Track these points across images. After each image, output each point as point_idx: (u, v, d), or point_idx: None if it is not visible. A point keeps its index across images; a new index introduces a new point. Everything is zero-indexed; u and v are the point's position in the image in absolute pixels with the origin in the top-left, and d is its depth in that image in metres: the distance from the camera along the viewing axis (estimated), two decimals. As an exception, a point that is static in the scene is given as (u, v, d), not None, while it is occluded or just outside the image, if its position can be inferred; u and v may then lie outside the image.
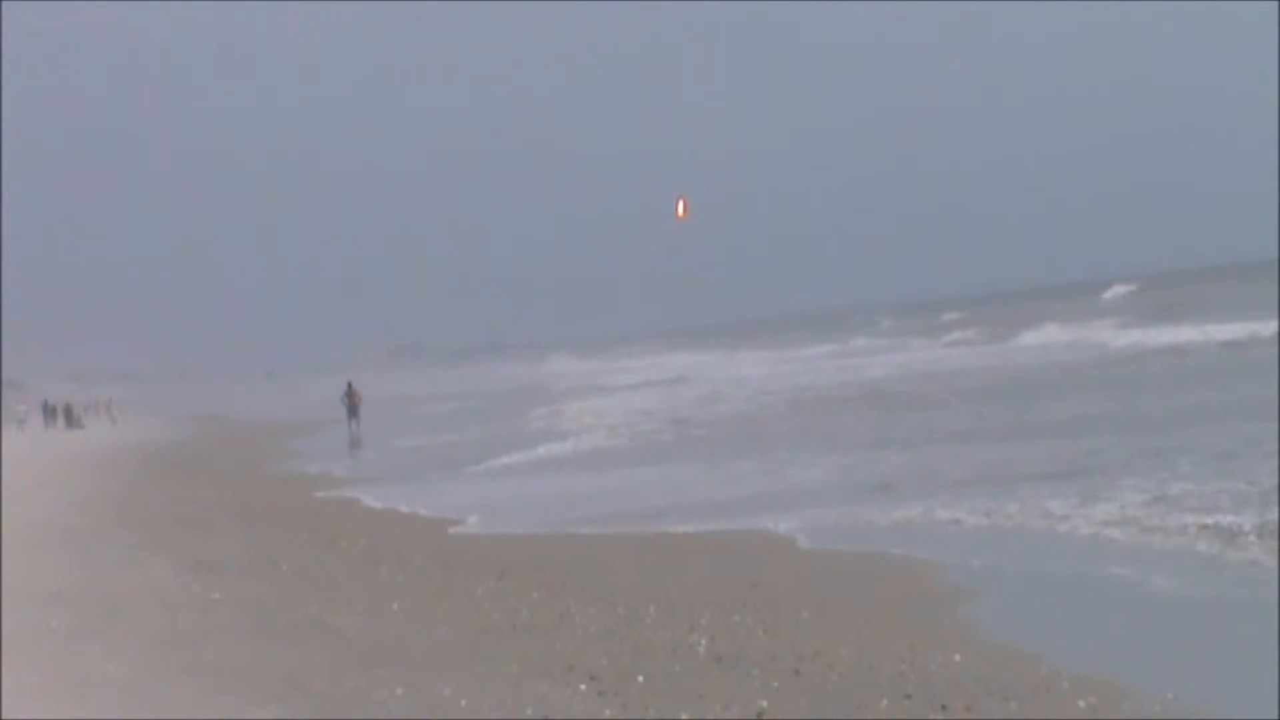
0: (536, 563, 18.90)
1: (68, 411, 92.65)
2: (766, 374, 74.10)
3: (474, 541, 21.92)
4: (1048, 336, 77.15)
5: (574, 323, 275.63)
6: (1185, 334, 61.71)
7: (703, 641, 13.50)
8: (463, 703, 11.60)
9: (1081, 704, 11.15)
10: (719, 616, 14.61)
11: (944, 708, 11.08)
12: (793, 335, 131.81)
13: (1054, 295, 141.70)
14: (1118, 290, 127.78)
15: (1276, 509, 17.66)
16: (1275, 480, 19.59)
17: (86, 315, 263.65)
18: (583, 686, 12.01)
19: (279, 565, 19.81)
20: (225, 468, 43.53)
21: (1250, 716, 11.00)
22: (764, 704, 11.36)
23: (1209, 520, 17.56)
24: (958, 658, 12.59)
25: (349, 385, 56.03)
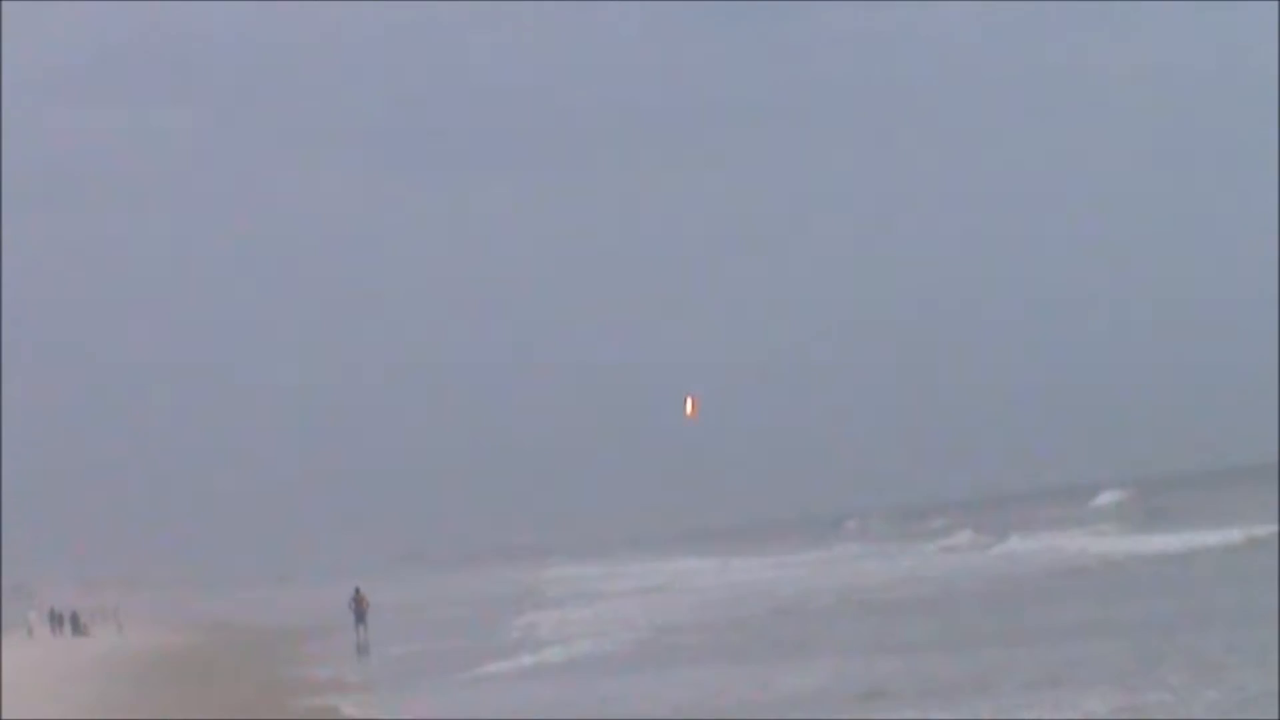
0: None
1: (74, 619, 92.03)
2: (761, 579, 74.11)
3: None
4: (1037, 543, 76.78)
5: (580, 525, 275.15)
6: (1173, 541, 61.45)
7: None
8: None
9: None
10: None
11: None
12: (787, 540, 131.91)
13: (1046, 499, 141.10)
14: (1108, 496, 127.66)
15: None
16: (1258, 689, 19.36)
17: (94, 521, 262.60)
18: None
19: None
20: (233, 677, 42.99)
21: None
22: None
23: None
24: None
25: (356, 590, 55.81)
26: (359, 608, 54.58)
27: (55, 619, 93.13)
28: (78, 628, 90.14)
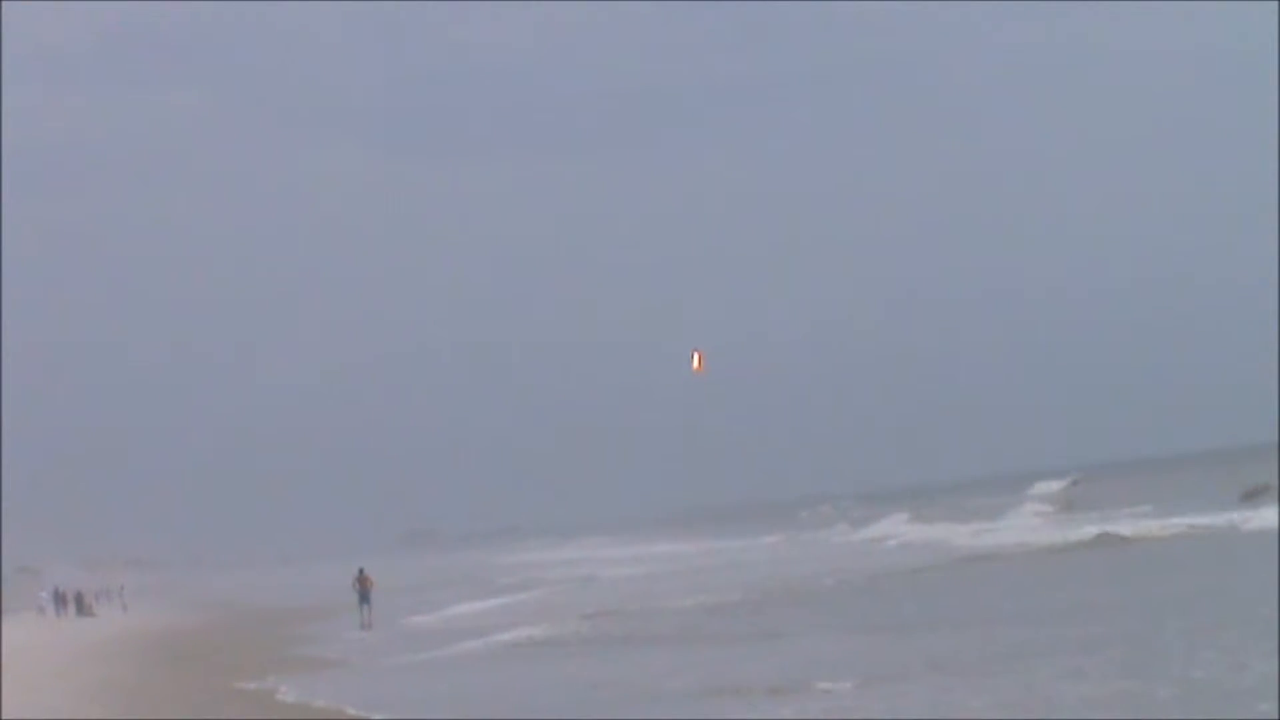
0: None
1: (79, 599, 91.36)
2: (686, 567, 74.88)
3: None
4: (926, 534, 76.76)
5: (588, 502, 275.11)
6: (1098, 528, 61.29)
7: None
8: None
9: None
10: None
11: None
12: (746, 524, 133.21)
13: (999, 487, 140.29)
14: (1044, 485, 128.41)
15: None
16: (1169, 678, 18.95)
17: (101, 501, 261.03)
18: None
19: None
20: (237, 656, 43.01)
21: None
22: None
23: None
24: None
25: (360, 571, 55.83)
26: (363, 588, 54.53)
27: (60, 599, 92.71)
28: (82, 608, 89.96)
